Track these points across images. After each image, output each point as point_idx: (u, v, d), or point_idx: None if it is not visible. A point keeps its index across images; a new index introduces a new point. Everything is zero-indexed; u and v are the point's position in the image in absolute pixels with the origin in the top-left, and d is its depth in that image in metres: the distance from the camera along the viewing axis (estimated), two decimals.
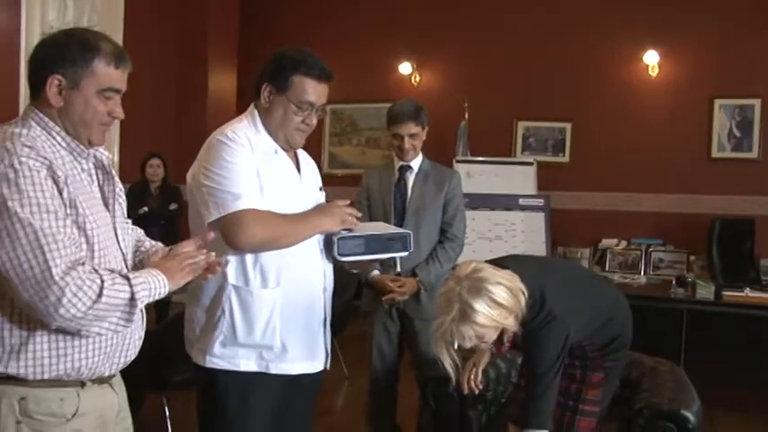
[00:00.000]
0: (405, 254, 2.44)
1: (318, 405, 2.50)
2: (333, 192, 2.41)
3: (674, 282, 5.06)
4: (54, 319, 1.57)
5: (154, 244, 2.04)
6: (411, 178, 3.40)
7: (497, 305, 2.17)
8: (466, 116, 6.85)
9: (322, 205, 2.31)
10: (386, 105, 3.64)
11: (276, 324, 2.16)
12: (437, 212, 3.36)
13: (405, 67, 7.44)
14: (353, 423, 3.93)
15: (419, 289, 3.26)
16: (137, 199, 5.82)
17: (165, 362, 3.30)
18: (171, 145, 6.88)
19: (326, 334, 2.32)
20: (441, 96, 7.06)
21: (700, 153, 6.52)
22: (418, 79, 7.43)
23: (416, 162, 3.42)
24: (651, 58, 6.61)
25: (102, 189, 1.82)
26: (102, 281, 1.59)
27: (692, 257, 6.17)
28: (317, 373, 2.31)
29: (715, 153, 6.51)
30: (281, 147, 2.25)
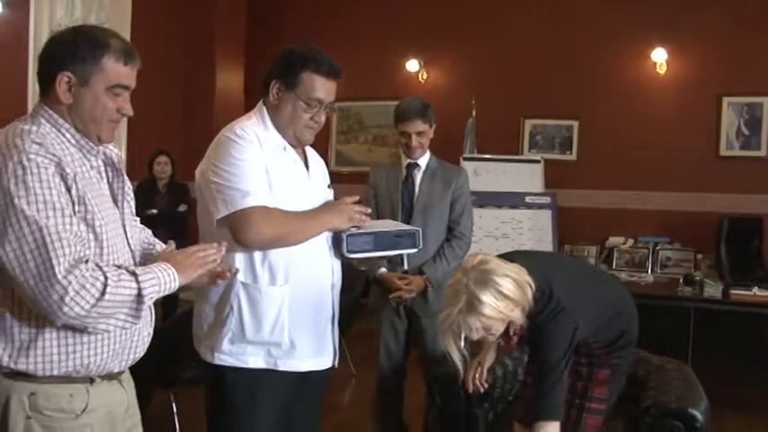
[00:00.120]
0: (414, 251, 2.44)
1: (325, 402, 2.51)
2: (339, 189, 2.41)
3: (682, 280, 5.05)
4: (58, 317, 1.57)
5: (165, 247, 2.02)
6: (418, 176, 3.40)
7: (504, 297, 2.18)
8: (473, 114, 6.83)
9: (330, 203, 2.31)
10: (393, 103, 3.63)
11: (284, 321, 2.17)
12: (444, 210, 3.36)
13: (412, 65, 7.42)
14: (360, 420, 3.93)
15: (426, 287, 3.26)
16: (145, 197, 5.83)
17: (173, 359, 3.31)
18: (178, 142, 6.89)
19: (335, 331, 2.33)
20: (448, 94, 7.04)
21: (708, 151, 6.49)
22: (425, 77, 7.42)
23: (424, 160, 3.41)
24: (659, 56, 6.58)
25: (111, 186, 1.82)
26: (105, 278, 1.59)
27: (700, 256, 6.13)
28: (325, 371, 2.32)
29: (723, 151, 6.48)
30: (291, 143, 2.25)
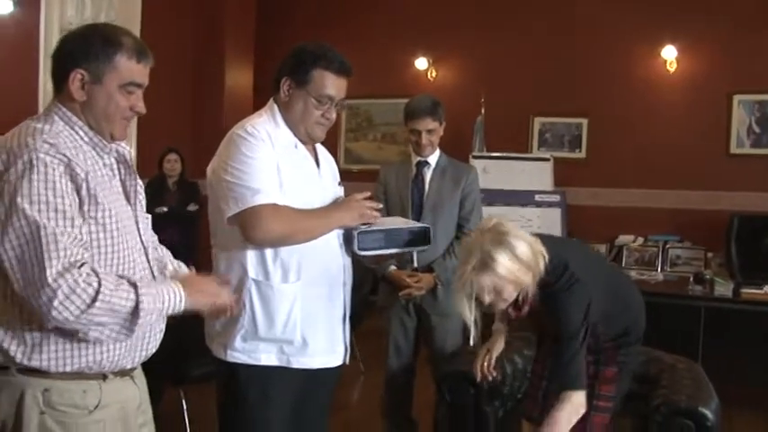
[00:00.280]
0: (425, 248, 2.45)
1: (335, 399, 2.51)
2: (348, 187, 2.42)
3: (692, 279, 5.02)
4: (48, 320, 1.57)
5: (177, 267, 2.05)
6: (428, 174, 3.40)
7: (517, 259, 2.21)
8: (482, 112, 6.81)
9: (341, 200, 2.32)
10: (402, 101, 3.63)
11: (297, 318, 2.17)
12: (454, 208, 3.36)
13: (421, 63, 7.41)
14: (369, 417, 3.94)
15: (436, 284, 3.26)
16: (154, 194, 5.85)
17: (184, 356, 3.33)
18: (188, 140, 6.91)
19: (346, 328, 2.33)
20: (457, 92, 7.02)
21: (718, 149, 6.45)
22: (434, 75, 7.41)
23: (434, 158, 3.41)
24: (669, 54, 6.53)
25: (123, 183, 1.83)
26: (99, 284, 1.57)
27: (710, 254, 6.09)
28: (336, 368, 2.32)
29: (734, 149, 6.42)
30: (302, 140, 2.26)
